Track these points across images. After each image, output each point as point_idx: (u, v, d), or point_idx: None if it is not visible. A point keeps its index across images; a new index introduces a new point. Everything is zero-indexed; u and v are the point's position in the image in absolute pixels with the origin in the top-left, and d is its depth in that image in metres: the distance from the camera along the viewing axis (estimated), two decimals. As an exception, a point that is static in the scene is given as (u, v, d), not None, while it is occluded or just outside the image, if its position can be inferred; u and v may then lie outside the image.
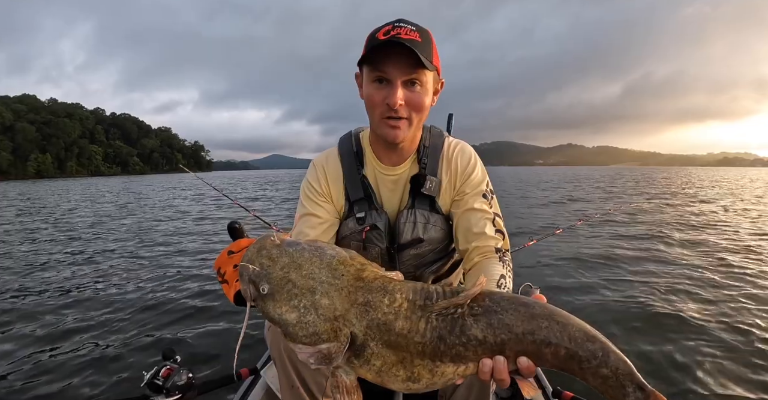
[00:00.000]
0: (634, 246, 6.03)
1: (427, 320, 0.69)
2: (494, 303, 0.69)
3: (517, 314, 0.68)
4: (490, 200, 1.23)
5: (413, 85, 1.05)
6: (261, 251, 0.72)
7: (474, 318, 0.68)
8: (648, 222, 8.44)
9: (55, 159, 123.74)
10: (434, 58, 1.06)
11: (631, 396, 0.65)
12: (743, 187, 22.85)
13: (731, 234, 6.99)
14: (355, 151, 1.27)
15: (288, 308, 0.69)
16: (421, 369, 0.70)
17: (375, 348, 0.70)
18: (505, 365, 0.69)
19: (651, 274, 4.54)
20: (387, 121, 1.09)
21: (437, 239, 1.25)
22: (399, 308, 0.69)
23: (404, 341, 0.69)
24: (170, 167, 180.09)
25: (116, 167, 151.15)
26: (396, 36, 0.99)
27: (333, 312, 0.69)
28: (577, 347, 0.66)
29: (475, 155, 1.27)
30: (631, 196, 16.31)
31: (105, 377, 2.45)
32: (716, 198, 15.17)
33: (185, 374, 1.33)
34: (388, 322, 0.69)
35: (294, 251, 0.72)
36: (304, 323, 0.68)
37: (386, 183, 1.25)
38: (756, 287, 3.96)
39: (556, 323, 0.67)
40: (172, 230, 8.29)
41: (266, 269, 0.70)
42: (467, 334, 0.68)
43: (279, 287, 0.69)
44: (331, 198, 1.26)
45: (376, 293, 0.70)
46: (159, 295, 3.97)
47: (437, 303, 0.69)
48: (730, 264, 4.93)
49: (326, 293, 0.69)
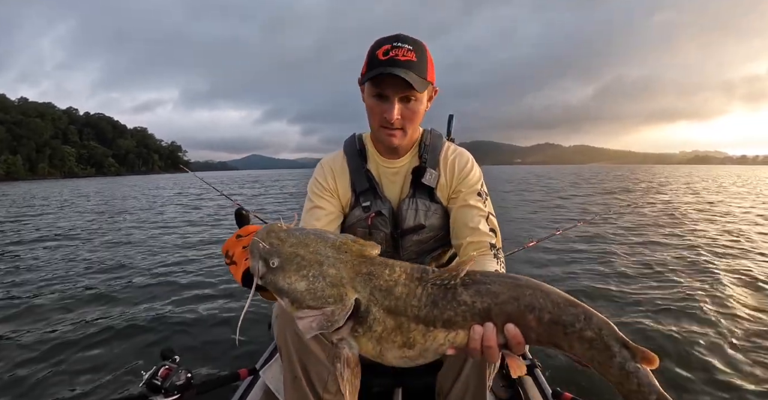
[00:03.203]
0: (639, 244, 6.08)
1: (423, 287, 0.75)
2: (484, 276, 0.75)
3: (504, 285, 0.73)
4: (484, 199, 1.30)
5: (408, 100, 1.16)
6: (270, 233, 0.77)
7: (464, 287, 0.74)
8: (650, 222, 8.50)
9: (26, 160, 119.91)
10: (429, 72, 1.16)
11: (617, 356, 0.67)
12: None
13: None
14: (358, 149, 1.37)
15: (297, 277, 0.74)
16: (416, 334, 0.75)
17: (377, 313, 0.75)
18: (494, 332, 0.73)
19: (653, 272, 4.58)
20: (384, 130, 1.21)
21: (437, 226, 1.32)
22: (398, 278, 0.76)
23: (402, 305, 0.74)
24: (147, 168, 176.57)
25: (90, 169, 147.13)
26: (394, 58, 1.10)
27: (340, 280, 0.74)
28: (560, 312, 0.70)
29: (472, 159, 1.36)
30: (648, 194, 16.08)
31: (103, 377, 2.42)
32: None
33: (184, 374, 1.33)
34: (388, 288, 0.74)
35: (300, 233, 0.78)
36: (313, 289, 0.73)
37: (388, 175, 1.35)
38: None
39: (540, 291, 0.72)
40: (167, 232, 8.15)
41: (276, 246, 0.75)
42: (458, 299, 0.73)
43: (288, 260, 0.74)
44: (337, 194, 1.34)
45: (378, 265, 0.76)
46: (157, 294, 3.93)
47: (433, 274, 0.76)
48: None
49: (333, 264, 0.75)
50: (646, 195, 15.84)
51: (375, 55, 1.13)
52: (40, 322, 3.28)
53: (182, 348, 2.71)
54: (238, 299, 3.74)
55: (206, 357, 2.65)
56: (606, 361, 0.68)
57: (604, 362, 0.68)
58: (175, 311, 3.49)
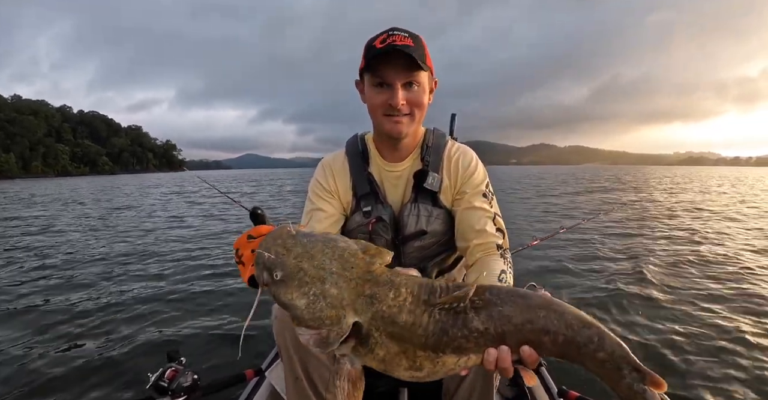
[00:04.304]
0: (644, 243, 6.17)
1: (430, 314, 0.71)
2: (494, 296, 0.72)
3: (516, 306, 0.71)
4: (490, 199, 1.27)
5: (411, 86, 1.15)
6: (277, 240, 0.75)
7: (475, 311, 0.71)
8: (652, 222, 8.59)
9: (19, 159, 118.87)
10: (427, 59, 1.16)
11: (627, 377, 0.68)
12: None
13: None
14: (360, 150, 1.34)
15: (298, 294, 0.72)
16: (423, 360, 0.73)
17: (379, 338, 0.73)
18: (509, 354, 0.72)
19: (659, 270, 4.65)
20: (390, 118, 1.18)
21: (440, 232, 1.29)
22: (403, 302, 0.72)
23: (407, 334, 0.72)
24: (141, 167, 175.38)
25: (84, 167, 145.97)
26: (392, 43, 1.09)
27: (340, 302, 0.72)
28: (574, 334, 0.69)
29: (476, 158, 1.32)
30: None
31: (110, 379, 2.42)
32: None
33: (190, 375, 1.33)
34: (392, 314, 0.71)
35: (308, 241, 0.75)
36: (312, 309, 0.71)
37: (390, 179, 1.32)
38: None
39: (553, 311, 0.71)
40: (173, 233, 8.10)
41: (281, 257, 0.73)
42: (469, 327, 0.71)
43: (291, 275, 0.72)
44: (338, 195, 1.32)
45: (383, 286, 0.73)
46: (163, 296, 3.91)
47: (441, 298, 0.72)
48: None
49: (335, 283, 0.72)
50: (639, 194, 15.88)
51: (372, 46, 1.12)
52: (45, 325, 3.25)
53: (188, 350, 2.71)
54: (244, 300, 3.73)
55: (212, 358, 2.64)
56: (616, 380, 0.69)
57: (614, 380, 0.69)
58: (181, 312, 3.47)
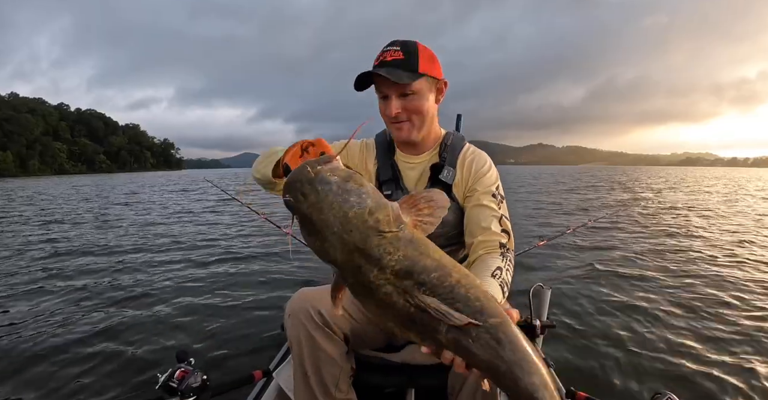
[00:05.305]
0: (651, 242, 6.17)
1: (405, 299, 0.73)
2: (475, 330, 0.72)
3: (486, 348, 0.72)
4: (499, 201, 1.31)
5: (406, 95, 1.24)
6: (296, 183, 0.75)
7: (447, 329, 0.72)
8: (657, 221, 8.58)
9: (16, 157, 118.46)
10: (422, 65, 1.22)
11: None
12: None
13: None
14: (388, 141, 1.45)
15: (307, 239, 0.76)
16: (393, 328, 0.78)
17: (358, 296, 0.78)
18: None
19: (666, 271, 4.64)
20: (393, 125, 1.31)
21: (450, 223, 1.34)
22: (385, 281, 0.73)
23: (382, 305, 0.75)
24: (139, 165, 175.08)
25: (82, 166, 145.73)
26: (382, 60, 1.21)
27: (334, 260, 0.75)
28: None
29: (490, 161, 1.39)
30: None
31: (119, 379, 2.41)
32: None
33: (199, 376, 1.33)
34: (373, 289, 0.74)
35: (322, 189, 0.73)
36: (318, 252, 0.77)
37: (406, 169, 1.40)
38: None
39: (518, 367, 0.71)
40: (179, 231, 8.07)
41: (298, 202, 0.74)
42: (435, 331, 0.74)
43: (302, 223, 0.76)
44: (364, 164, 1.43)
45: (371, 260, 0.73)
46: (172, 297, 3.89)
47: (424, 294, 0.72)
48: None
49: (333, 244, 0.73)
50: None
51: (374, 63, 1.24)
52: (53, 324, 3.25)
53: (197, 350, 2.71)
54: (252, 300, 3.74)
55: (220, 359, 2.65)
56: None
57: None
58: (190, 313, 3.46)
